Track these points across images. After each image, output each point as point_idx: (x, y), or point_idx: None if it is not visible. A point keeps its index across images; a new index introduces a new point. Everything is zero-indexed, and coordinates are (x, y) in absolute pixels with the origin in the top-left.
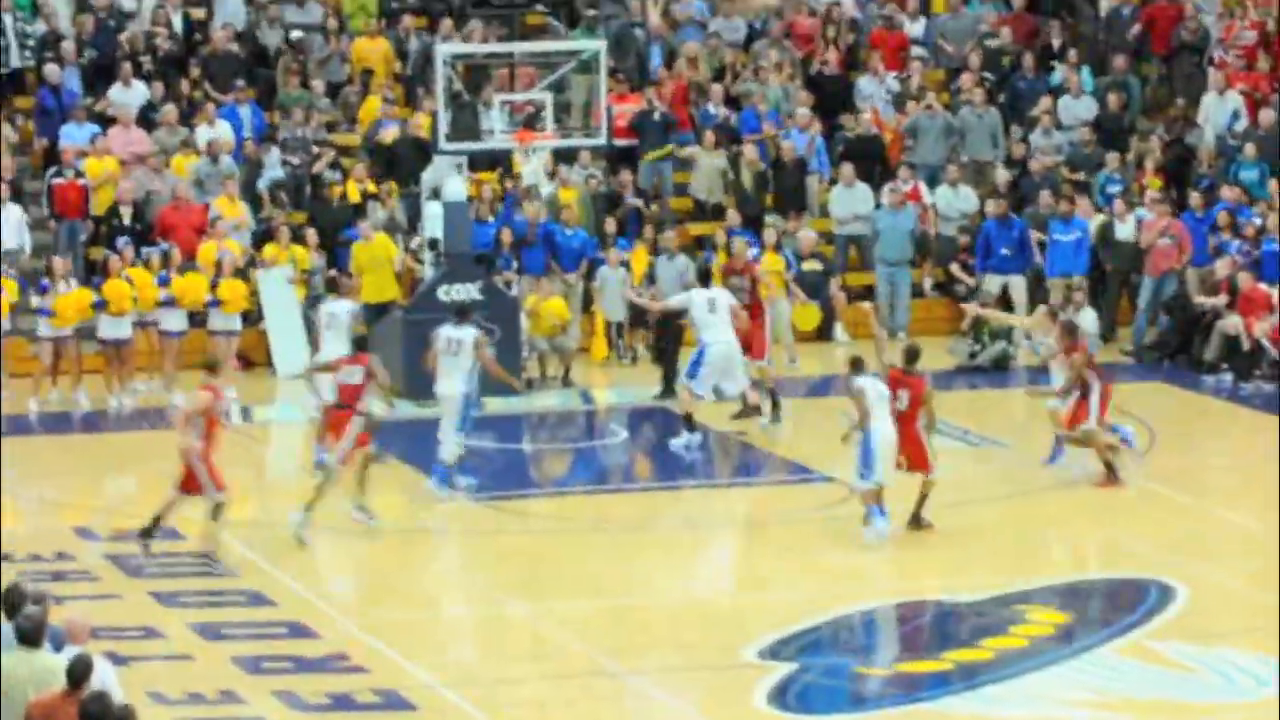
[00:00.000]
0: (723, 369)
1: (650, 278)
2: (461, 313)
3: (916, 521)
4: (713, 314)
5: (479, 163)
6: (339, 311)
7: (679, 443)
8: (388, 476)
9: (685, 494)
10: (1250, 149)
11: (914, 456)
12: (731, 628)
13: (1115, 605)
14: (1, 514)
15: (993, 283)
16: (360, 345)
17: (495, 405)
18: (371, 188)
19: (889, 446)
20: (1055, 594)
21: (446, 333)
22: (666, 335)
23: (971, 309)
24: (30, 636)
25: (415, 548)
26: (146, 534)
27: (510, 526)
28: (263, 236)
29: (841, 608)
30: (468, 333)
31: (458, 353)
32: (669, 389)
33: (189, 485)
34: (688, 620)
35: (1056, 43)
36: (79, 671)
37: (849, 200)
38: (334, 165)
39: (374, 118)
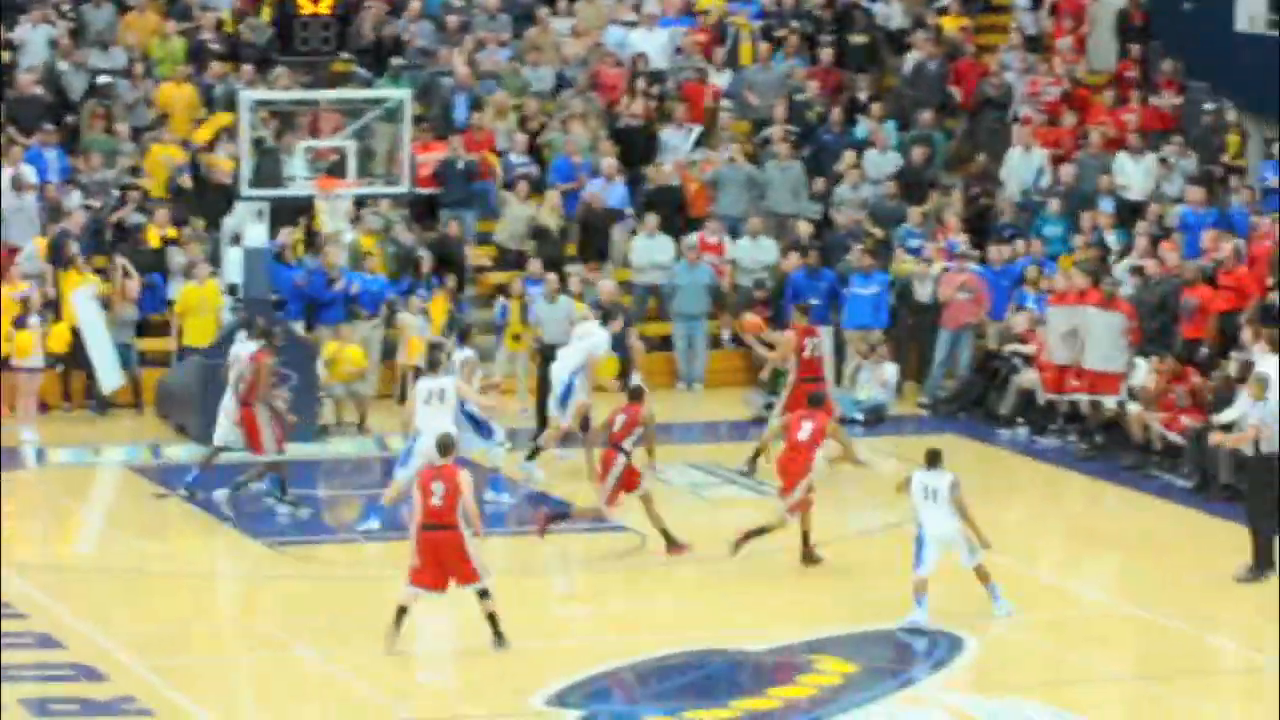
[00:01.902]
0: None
1: (450, 326)
2: (434, 363)
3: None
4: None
5: (283, 209)
6: (241, 354)
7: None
8: (182, 520)
9: (480, 542)
10: (1054, 204)
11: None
12: (522, 674)
13: (904, 655)
14: None
15: None
16: None
17: (290, 451)
18: (172, 233)
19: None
20: (844, 644)
21: (425, 385)
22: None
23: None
24: None
25: (206, 592)
26: None
27: (303, 572)
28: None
29: (631, 655)
30: (448, 381)
31: (442, 400)
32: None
33: None
34: (479, 666)
35: (863, 96)
36: None
37: (650, 250)
38: (140, 209)
39: (174, 163)
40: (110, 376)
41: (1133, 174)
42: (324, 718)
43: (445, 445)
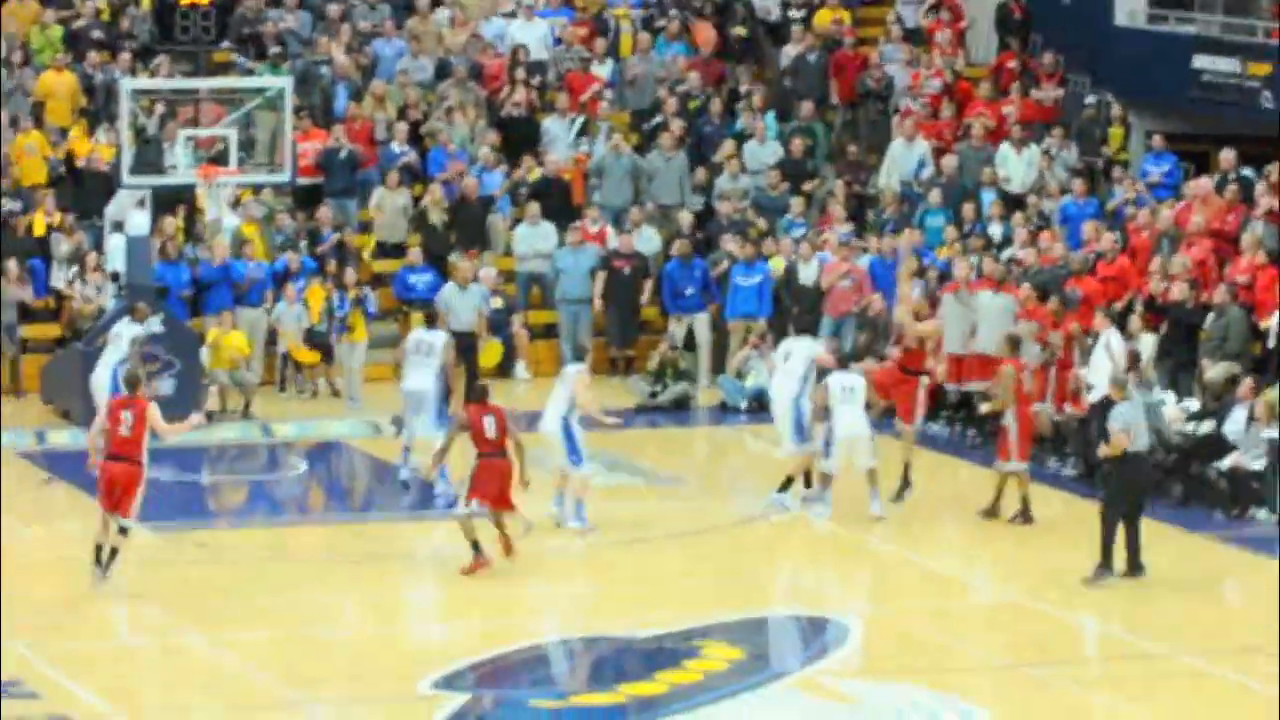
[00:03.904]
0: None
1: (329, 313)
2: (431, 318)
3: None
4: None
5: (164, 197)
6: (124, 333)
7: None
8: (69, 505)
9: (366, 527)
10: (935, 195)
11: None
12: (409, 659)
13: (791, 641)
14: None
15: (679, 323)
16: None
17: (174, 437)
18: (58, 220)
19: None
20: (731, 630)
21: (418, 335)
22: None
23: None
24: None
25: (91, 576)
26: None
27: (189, 557)
28: None
29: (519, 640)
30: (439, 335)
31: (429, 353)
32: None
33: None
34: (366, 651)
35: (743, 88)
36: None
37: (532, 238)
38: (15, 196)
39: (46, 152)
40: None
41: (1014, 166)
42: (212, 702)
43: (133, 380)
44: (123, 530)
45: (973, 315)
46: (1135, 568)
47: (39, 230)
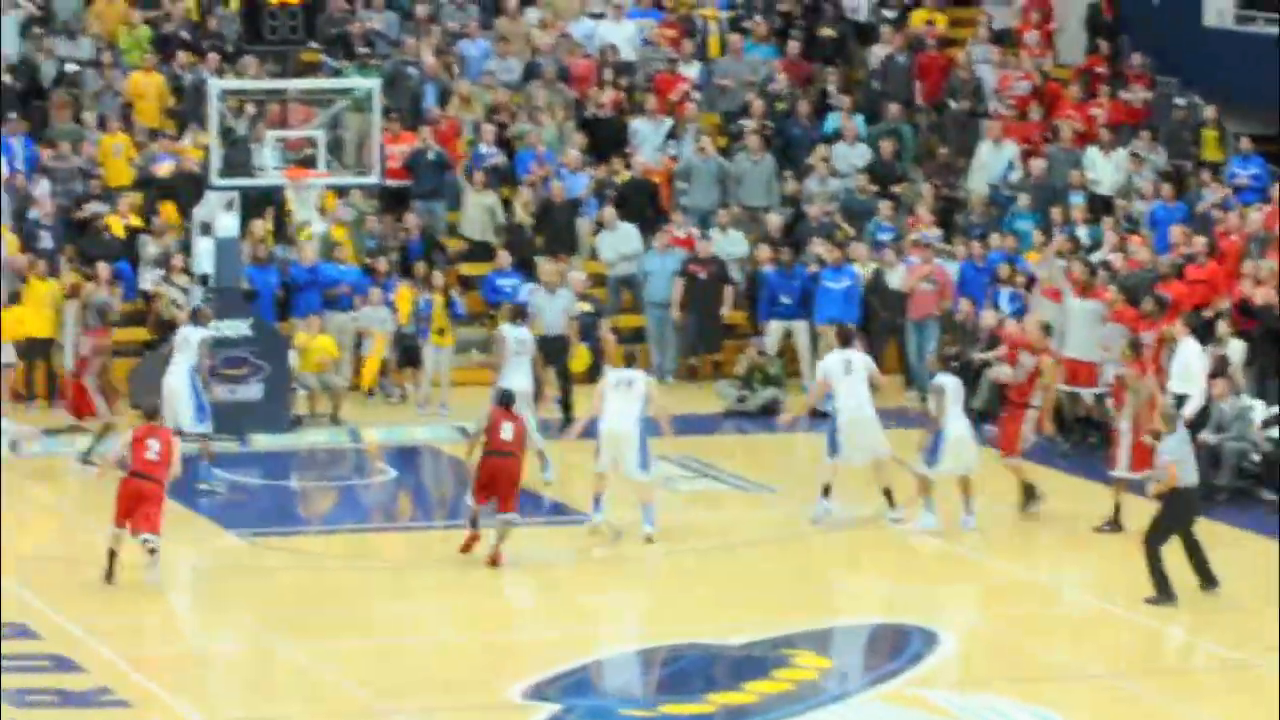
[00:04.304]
0: None
1: (417, 316)
2: (519, 314)
3: None
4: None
5: (252, 199)
6: (192, 337)
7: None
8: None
9: (452, 533)
10: (1024, 199)
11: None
12: (497, 668)
13: (879, 651)
14: None
15: (775, 330)
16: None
17: (263, 442)
18: (135, 221)
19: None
20: (821, 639)
21: (514, 334)
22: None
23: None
24: None
25: (182, 584)
26: None
27: (277, 564)
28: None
29: (606, 649)
30: (525, 333)
31: (520, 353)
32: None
33: None
34: (454, 660)
35: (831, 89)
36: None
37: (615, 242)
38: (103, 199)
39: (131, 154)
40: None
41: (1103, 168)
42: (302, 710)
43: (152, 411)
44: (151, 551)
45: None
46: (1209, 582)
47: (117, 231)
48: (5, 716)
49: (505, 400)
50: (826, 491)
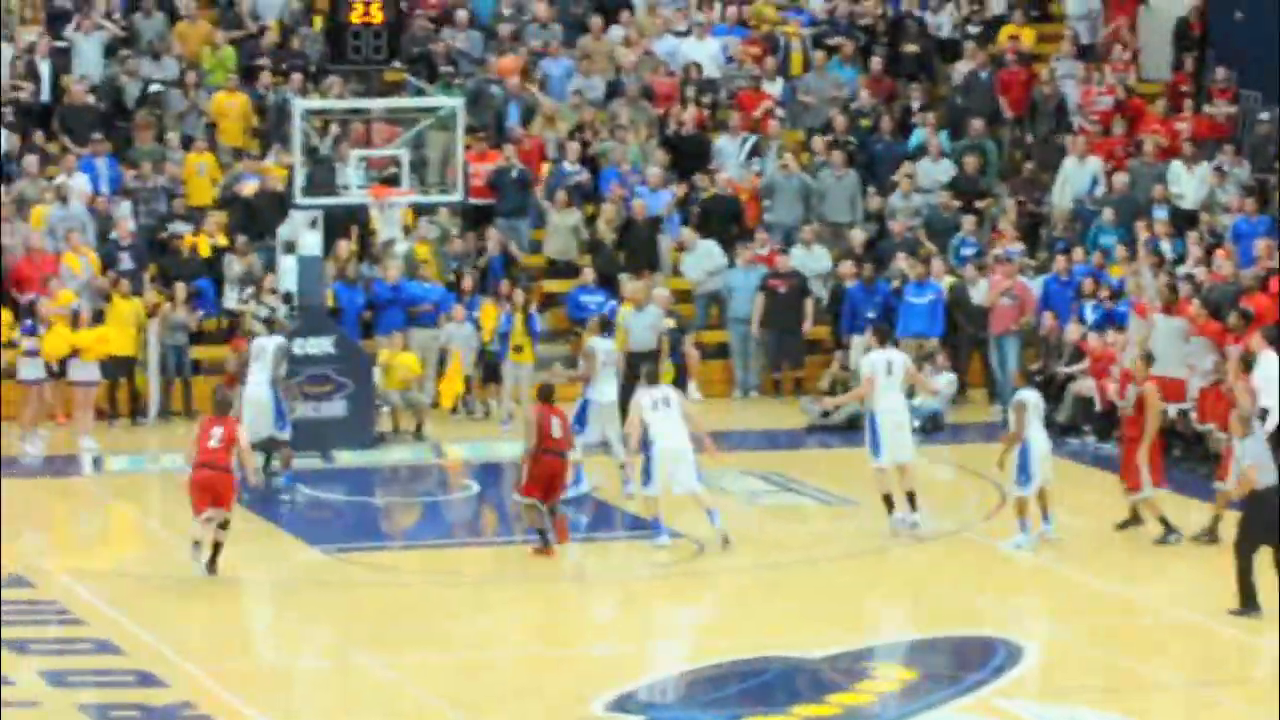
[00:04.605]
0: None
1: (502, 335)
2: (606, 324)
3: None
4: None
5: (336, 217)
6: (267, 346)
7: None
8: (239, 526)
9: (535, 547)
10: (1108, 214)
11: None
12: (579, 681)
13: (962, 663)
14: None
15: (858, 345)
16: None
17: (347, 458)
18: (224, 241)
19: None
20: (903, 651)
21: (604, 345)
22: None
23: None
24: None
25: (265, 599)
26: None
27: (360, 579)
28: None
29: (690, 662)
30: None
31: (609, 364)
32: None
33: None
34: (536, 674)
35: (915, 105)
36: None
37: (695, 260)
38: (186, 218)
39: (216, 174)
40: None
41: (1186, 183)
42: None
43: (224, 403)
44: (223, 525)
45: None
46: None
47: (203, 251)
48: None
49: (547, 395)
50: (889, 503)
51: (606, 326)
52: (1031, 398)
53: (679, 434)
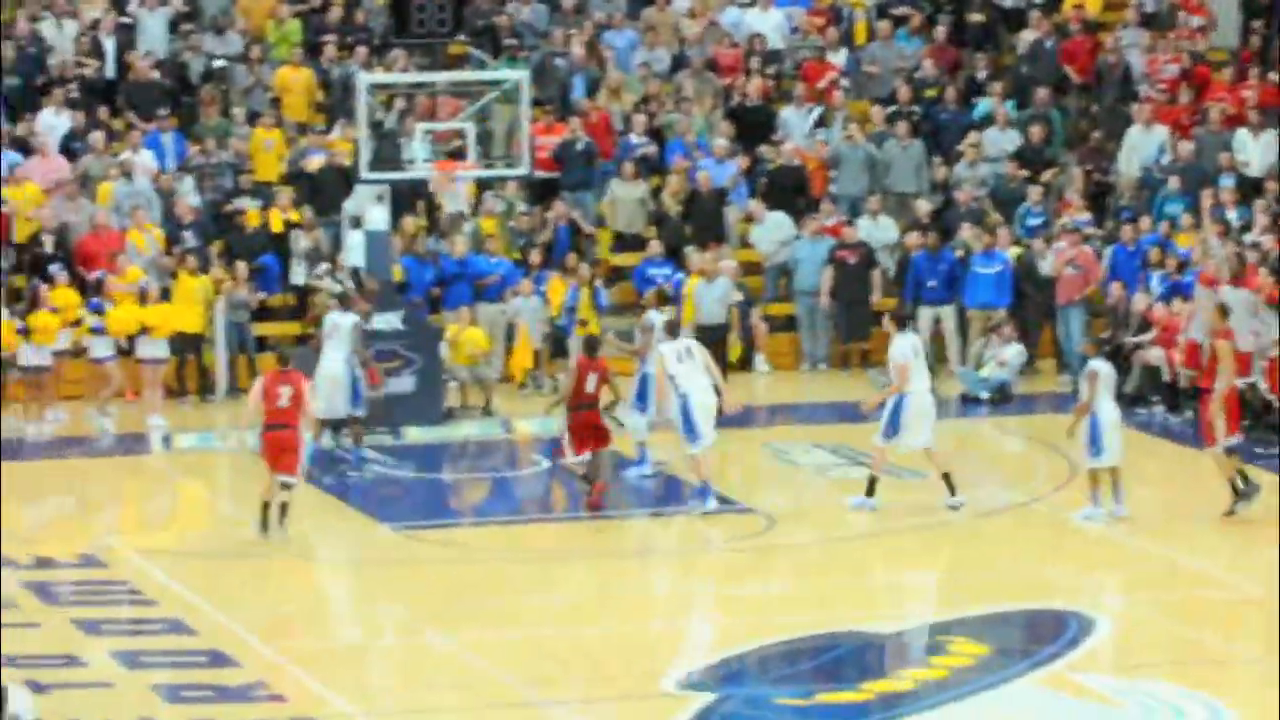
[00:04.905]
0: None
1: (569, 309)
2: (664, 297)
3: None
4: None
5: (402, 192)
6: (342, 323)
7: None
8: (308, 503)
9: (605, 524)
10: (1175, 182)
11: None
12: (651, 658)
13: (1035, 636)
14: None
15: (924, 315)
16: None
17: (415, 435)
18: (295, 216)
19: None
20: (975, 625)
21: (661, 319)
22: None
23: None
24: None
25: (335, 577)
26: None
27: (432, 556)
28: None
29: (761, 637)
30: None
31: (691, 355)
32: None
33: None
34: (608, 650)
35: (980, 75)
36: None
37: (768, 231)
38: (252, 194)
39: (281, 147)
40: None
41: (1253, 150)
42: (456, 702)
43: (284, 358)
44: (286, 486)
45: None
46: None
47: (275, 226)
48: (161, 712)
49: (591, 347)
50: (873, 484)
51: (665, 299)
52: (1103, 368)
53: (708, 387)
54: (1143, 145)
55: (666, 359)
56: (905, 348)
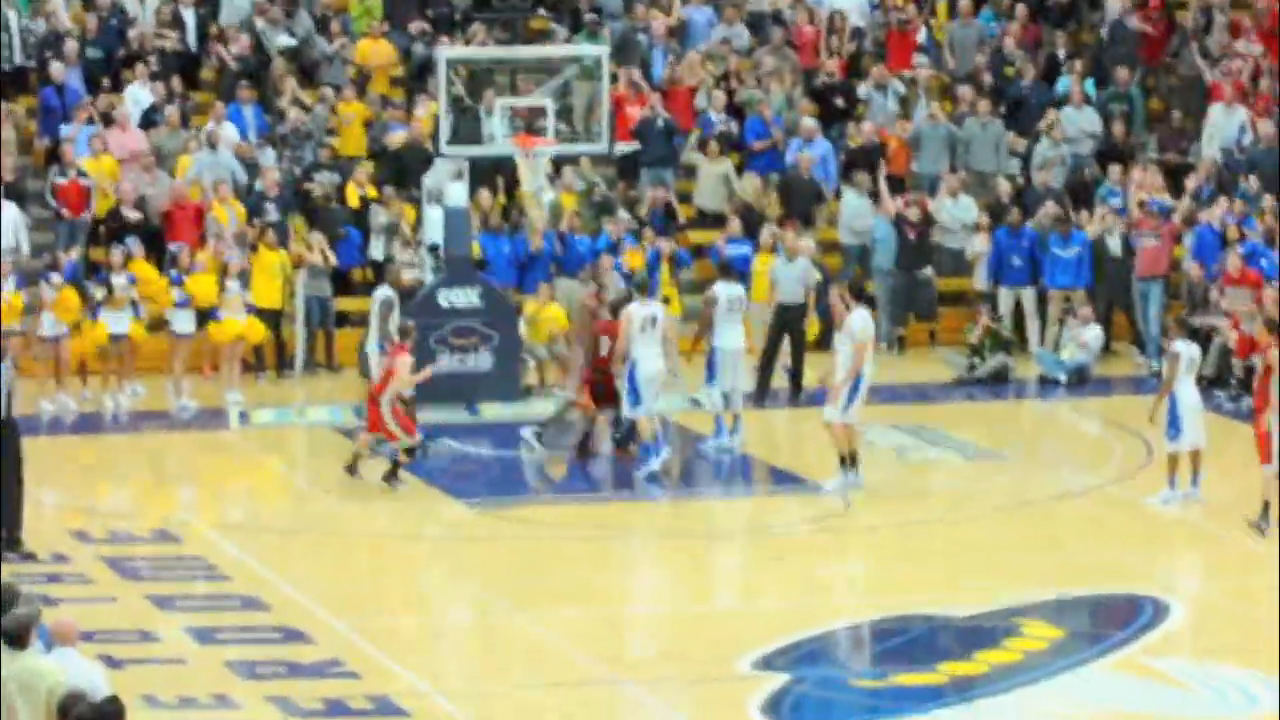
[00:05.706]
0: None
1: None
2: (727, 269)
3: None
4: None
5: (481, 168)
6: (378, 298)
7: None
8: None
9: (680, 503)
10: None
11: None
12: (725, 638)
13: (1109, 620)
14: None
15: (1005, 295)
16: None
17: (493, 412)
18: (372, 192)
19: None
20: (1050, 608)
21: (727, 291)
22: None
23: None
24: (13, 637)
25: (410, 554)
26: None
27: (506, 533)
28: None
29: (835, 619)
30: (739, 290)
31: (733, 310)
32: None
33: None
34: (682, 629)
35: (1061, 54)
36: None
37: (850, 209)
38: (333, 168)
39: (362, 121)
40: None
41: None
42: (530, 680)
43: (404, 331)
44: (410, 451)
45: None
46: None
47: (352, 202)
48: (235, 688)
49: (615, 308)
50: (847, 462)
51: (728, 271)
52: (1184, 349)
53: (657, 356)
54: (1224, 126)
55: (632, 322)
56: (869, 326)
